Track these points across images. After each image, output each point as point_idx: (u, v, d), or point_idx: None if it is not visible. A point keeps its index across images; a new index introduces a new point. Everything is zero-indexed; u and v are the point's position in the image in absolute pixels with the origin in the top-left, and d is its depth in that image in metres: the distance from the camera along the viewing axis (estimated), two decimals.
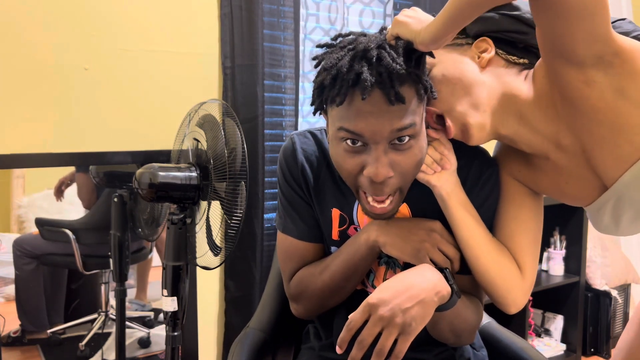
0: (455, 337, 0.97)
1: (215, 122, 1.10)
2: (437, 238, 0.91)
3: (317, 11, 2.07)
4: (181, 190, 1.07)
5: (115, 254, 1.45)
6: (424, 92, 0.83)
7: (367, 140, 0.81)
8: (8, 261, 1.53)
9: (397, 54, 0.80)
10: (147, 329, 1.76)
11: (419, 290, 0.81)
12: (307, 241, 1.03)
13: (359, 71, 0.78)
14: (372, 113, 0.79)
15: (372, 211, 0.88)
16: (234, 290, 1.88)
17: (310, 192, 1.01)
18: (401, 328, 0.78)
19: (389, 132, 0.80)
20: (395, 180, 0.84)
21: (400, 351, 0.78)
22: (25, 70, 1.53)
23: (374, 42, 0.81)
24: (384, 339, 0.78)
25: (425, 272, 0.85)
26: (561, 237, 2.53)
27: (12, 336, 1.55)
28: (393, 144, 0.82)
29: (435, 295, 0.82)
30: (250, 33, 1.80)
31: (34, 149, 1.54)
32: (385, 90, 0.77)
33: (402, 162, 0.83)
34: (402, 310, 0.78)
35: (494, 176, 0.97)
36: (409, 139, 0.81)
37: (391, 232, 0.91)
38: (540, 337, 2.58)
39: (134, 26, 1.68)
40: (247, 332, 1.23)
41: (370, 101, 0.78)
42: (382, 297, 0.79)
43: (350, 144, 0.82)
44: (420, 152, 0.85)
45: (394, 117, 0.79)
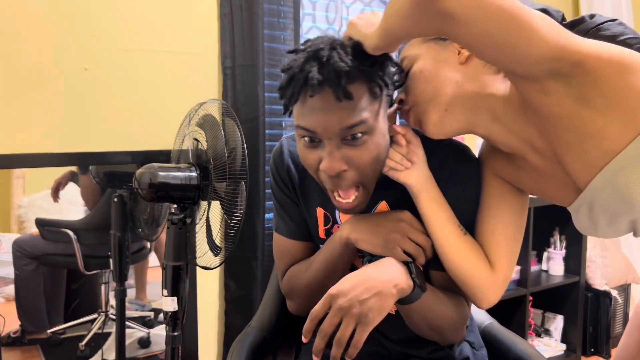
0: (436, 333, 0.97)
1: (215, 122, 1.09)
2: (405, 228, 0.92)
3: (313, 11, 2.07)
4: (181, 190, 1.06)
5: (115, 254, 1.45)
6: (379, 90, 0.85)
7: (319, 136, 0.85)
8: (8, 261, 1.53)
9: (348, 53, 0.83)
10: (147, 329, 1.76)
11: (376, 282, 0.83)
12: (297, 240, 1.08)
13: (308, 70, 0.82)
14: (323, 110, 0.83)
15: (339, 206, 0.92)
16: (235, 290, 1.88)
17: (297, 192, 1.05)
18: (358, 318, 0.81)
19: (338, 129, 0.83)
20: (353, 174, 0.87)
21: (358, 341, 0.80)
22: (25, 70, 1.53)
23: (326, 43, 0.85)
24: (342, 328, 0.81)
25: (386, 265, 0.88)
26: (561, 237, 2.53)
27: (12, 336, 1.55)
28: (346, 140, 0.85)
29: (394, 288, 0.84)
30: (251, 33, 1.80)
31: (34, 149, 1.54)
32: (334, 87, 0.81)
33: (356, 158, 0.86)
34: (359, 301, 0.81)
35: (471, 171, 0.97)
36: (362, 135, 0.84)
37: (362, 227, 0.93)
38: (540, 337, 2.58)
39: (134, 26, 1.68)
40: (248, 331, 1.23)
41: (320, 99, 0.82)
42: (341, 288, 0.83)
43: (307, 140, 0.87)
44: (376, 148, 0.87)
45: (343, 114, 0.82)
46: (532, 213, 2.27)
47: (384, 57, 0.86)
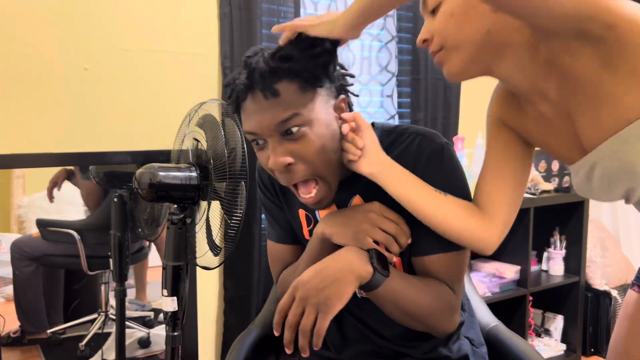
0: (418, 322, 0.97)
1: (215, 122, 1.09)
2: (374, 218, 0.93)
3: (314, 11, 2.07)
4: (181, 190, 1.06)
5: (115, 254, 1.45)
6: (310, 84, 0.89)
7: (260, 136, 0.90)
8: (8, 261, 1.53)
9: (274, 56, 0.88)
10: (147, 329, 1.76)
11: (333, 270, 0.86)
12: (285, 244, 1.12)
13: (237, 78, 0.90)
14: (256, 111, 0.89)
15: (304, 202, 0.95)
16: (232, 290, 1.88)
17: (279, 196, 1.10)
18: (317, 307, 0.83)
19: (273, 125, 0.88)
20: (301, 167, 0.91)
21: (319, 329, 0.82)
22: (25, 70, 1.53)
23: (254, 51, 0.92)
24: (305, 318, 0.83)
25: (344, 253, 0.89)
26: (561, 237, 2.53)
27: (12, 336, 1.55)
28: (286, 135, 0.89)
29: (351, 274, 0.86)
30: (249, 33, 1.80)
31: (34, 149, 1.54)
32: (260, 88, 0.87)
33: (300, 150, 0.89)
34: (317, 290, 0.84)
35: (439, 153, 0.97)
36: (300, 128, 0.88)
37: (335, 222, 0.95)
38: (540, 337, 2.58)
39: (134, 26, 1.68)
40: (250, 330, 1.24)
41: (252, 102, 0.89)
42: (301, 279, 0.86)
43: (255, 144, 0.93)
44: (319, 138, 0.90)
45: (275, 110, 0.87)
46: (532, 213, 2.27)
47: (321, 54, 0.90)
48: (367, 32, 2.21)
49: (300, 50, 0.89)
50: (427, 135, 0.99)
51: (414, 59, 2.24)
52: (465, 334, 1.09)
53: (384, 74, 2.25)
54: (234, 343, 1.20)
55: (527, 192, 2.36)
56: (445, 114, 2.34)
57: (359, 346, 1.08)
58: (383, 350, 1.06)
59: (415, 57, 2.24)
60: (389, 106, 2.25)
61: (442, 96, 2.32)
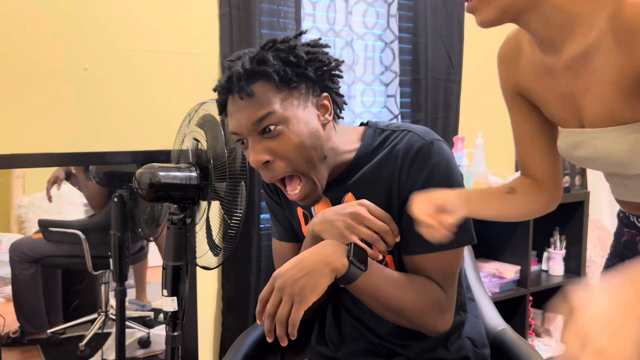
0: (403, 318, 0.97)
1: (215, 122, 1.09)
2: (360, 215, 0.94)
3: (313, 11, 2.07)
4: (181, 190, 1.07)
5: (115, 254, 1.45)
6: (285, 84, 0.93)
7: (241, 135, 0.95)
8: (8, 261, 1.53)
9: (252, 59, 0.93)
10: (147, 329, 1.76)
11: (309, 262, 0.88)
12: (286, 241, 1.15)
13: (218, 82, 0.97)
14: (235, 112, 0.94)
15: (291, 199, 0.99)
16: (230, 290, 1.87)
17: (279, 195, 1.13)
18: (292, 297, 0.86)
19: (250, 124, 0.92)
20: (280, 164, 0.94)
21: (293, 319, 0.85)
22: (25, 71, 1.53)
23: (237, 55, 0.98)
24: (280, 308, 0.87)
25: (322, 246, 0.92)
26: (561, 237, 2.53)
27: (11, 336, 1.54)
28: (264, 133, 0.93)
29: (326, 267, 0.88)
30: (249, 33, 1.80)
31: (34, 149, 1.54)
32: (237, 90, 0.92)
33: (278, 148, 0.93)
34: (293, 280, 0.87)
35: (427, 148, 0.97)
36: (277, 126, 0.92)
37: (324, 219, 0.97)
38: (540, 337, 2.58)
39: (134, 26, 1.68)
40: (255, 327, 1.24)
41: (231, 103, 0.95)
42: (280, 270, 0.89)
43: (240, 143, 0.98)
44: (296, 136, 0.93)
45: (250, 110, 0.92)
46: None
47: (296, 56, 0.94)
48: (371, 32, 2.21)
49: (275, 53, 0.94)
50: (417, 132, 1.00)
51: (415, 59, 2.24)
52: (467, 334, 1.08)
53: (387, 74, 2.25)
54: (236, 340, 1.20)
55: None
56: (445, 114, 2.34)
57: (355, 344, 1.08)
58: (378, 348, 1.06)
59: (416, 57, 2.24)
60: (392, 106, 2.25)
61: (442, 96, 2.32)
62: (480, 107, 2.52)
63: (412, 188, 0.96)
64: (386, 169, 0.99)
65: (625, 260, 1.08)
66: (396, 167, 0.98)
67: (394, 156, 0.99)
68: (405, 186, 0.97)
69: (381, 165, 1.00)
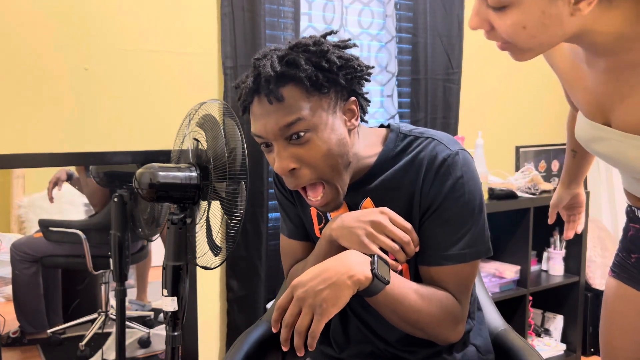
0: (419, 330, 0.96)
1: (215, 122, 1.10)
2: (382, 224, 0.92)
3: (309, 10, 2.07)
4: (181, 190, 1.07)
5: (115, 254, 1.45)
6: (315, 89, 0.89)
7: (267, 139, 0.92)
8: (8, 261, 1.53)
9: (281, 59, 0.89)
10: (147, 329, 1.76)
11: (332, 273, 0.85)
12: (296, 239, 1.12)
13: (244, 82, 0.93)
14: (262, 115, 0.90)
15: (311, 205, 0.97)
16: (238, 289, 1.87)
17: (292, 193, 1.10)
18: (313, 309, 0.83)
19: (278, 129, 0.89)
20: (306, 172, 0.91)
21: (314, 331, 0.82)
22: (25, 70, 1.53)
23: (262, 53, 0.93)
24: (301, 318, 0.83)
25: (346, 257, 0.88)
26: (561, 237, 2.52)
27: (11, 336, 1.55)
28: (292, 140, 0.90)
29: (349, 279, 0.84)
30: (253, 33, 1.80)
31: (34, 149, 1.54)
32: (265, 92, 0.88)
33: (305, 155, 0.90)
34: (314, 292, 0.83)
35: (453, 159, 0.95)
36: (305, 133, 0.89)
37: (342, 225, 0.94)
38: (540, 337, 2.58)
39: (134, 26, 1.68)
40: (258, 325, 1.24)
41: (258, 105, 0.91)
42: (301, 279, 0.86)
43: (263, 146, 0.95)
44: (324, 143, 0.90)
45: (279, 115, 0.88)
46: (532, 213, 2.27)
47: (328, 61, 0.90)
48: (367, 32, 2.21)
49: (307, 56, 0.90)
50: (443, 141, 0.98)
51: (414, 59, 2.24)
52: (472, 340, 1.08)
53: (383, 74, 2.25)
54: (239, 337, 1.20)
55: (527, 192, 2.36)
56: (445, 114, 2.34)
57: (361, 346, 1.08)
58: (383, 352, 1.06)
59: (415, 57, 2.24)
60: (389, 106, 2.25)
61: (442, 96, 2.32)
62: (480, 107, 2.52)
63: (435, 198, 0.95)
64: (409, 176, 0.97)
65: (632, 255, 1.08)
66: (420, 176, 0.96)
67: (417, 164, 0.96)
68: (428, 196, 0.96)
69: (403, 172, 0.98)
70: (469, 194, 0.95)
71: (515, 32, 0.75)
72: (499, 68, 2.58)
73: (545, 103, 2.77)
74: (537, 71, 2.75)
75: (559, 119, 2.90)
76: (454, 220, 0.95)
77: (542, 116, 2.77)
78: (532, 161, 2.75)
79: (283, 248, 1.16)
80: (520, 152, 2.70)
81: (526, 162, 2.71)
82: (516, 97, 2.66)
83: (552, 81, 1.17)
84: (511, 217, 2.30)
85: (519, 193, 2.31)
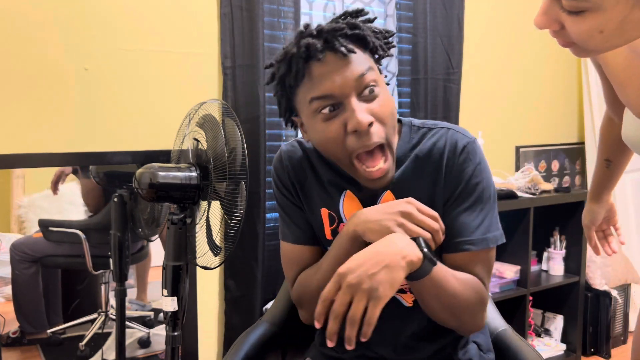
0: (453, 316, 0.95)
1: (215, 122, 1.10)
2: (411, 214, 0.90)
3: (309, 10, 2.07)
4: (181, 190, 1.07)
5: (115, 254, 1.45)
6: (371, 52, 0.93)
7: (338, 97, 0.89)
8: (8, 261, 1.53)
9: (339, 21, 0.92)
10: (147, 329, 1.76)
11: (384, 255, 0.82)
12: (303, 244, 1.06)
13: (306, 43, 0.89)
14: (332, 71, 0.89)
15: (370, 177, 0.93)
16: (235, 290, 1.88)
17: (299, 196, 1.06)
18: (369, 293, 0.79)
19: (353, 81, 0.88)
20: (379, 128, 0.90)
21: (371, 317, 0.78)
22: (25, 71, 1.53)
23: (304, 26, 0.93)
24: (354, 306, 0.79)
25: (393, 239, 0.86)
26: (561, 237, 2.53)
27: (11, 336, 1.55)
28: (363, 96, 0.89)
29: (403, 260, 0.82)
30: (251, 33, 1.80)
31: (34, 149, 1.54)
32: (335, 47, 0.88)
33: (377, 110, 0.90)
34: (368, 275, 0.80)
35: (472, 146, 0.98)
36: (375, 87, 0.90)
37: (368, 219, 0.92)
38: (540, 337, 2.58)
39: (134, 26, 1.68)
40: (257, 325, 1.24)
41: (325, 63, 0.89)
42: (349, 265, 0.82)
43: (327, 111, 0.90)
44: (389, 100, 0.92)
45: (352, 66, 0.89)
46: (532, 213, 2.27)
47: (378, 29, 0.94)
48: None
49: (362, 22, 0.93)
50: (459, 130, 1.00)
51: (414, 59, 2.24)
52: (473, 338, 1.08)
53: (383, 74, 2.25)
54: (239, 337, 1.20)
55: (527, 192, 2.36)
56: (445, 114, 2.34)
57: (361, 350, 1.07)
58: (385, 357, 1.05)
59: (415, 57, 2.24)
60: None
61: (441, 96, 2.32)
62: (480, 107, 2.52)
63: (457, 185, 0.97)
64: (429, 165, 0.98)
65: None
66: (442, 164, 0.97)
67: (437, 153, 0.97)
68: (452, 183, 0.97)
69: (423, 163, 0.99)
70: (487, 180, 0.98)
71: (590, 36, 0.72)
72: (499, 68, 2.58)
73: (545, 103, 2.77)
74: (537, 71, 2.75)
75: (559, 119, 2.90)
76: (475, 206, 0.97)
77: (542, 116, 2.77)
78: (532, 161, 2.75)
79: (286, 256, 1.09)
80: (520, 152, 2.70)
81: (526, 162, 2.71)
82: (516, 97, 2.66)
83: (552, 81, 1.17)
84: (511, 217, 2.30)
85: (519, 193, 2.32)
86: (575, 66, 2.87)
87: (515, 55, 2.64)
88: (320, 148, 0.97)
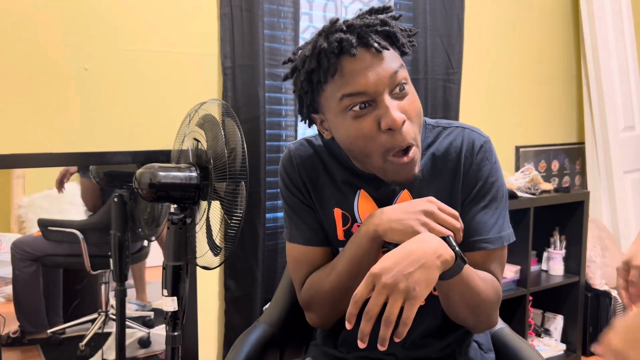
0: (473, 314, 0.96)
1: (215, 122, 1.10)
2: (434, 213, 0.89)
3: (309, 10, 2.07)
4: (181, 190, 1.07)
5: (115, 254, 1.45)
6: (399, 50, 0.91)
7: (371, 94, 0.86)
8: (8, 261, 1.53)
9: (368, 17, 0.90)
10: (147, 329, 1.76)
11: (420, 254, 0.80)
12: (314, 246, 1.03)
13: (338, 38, 0.86)
14: (365, 68, 0.86)
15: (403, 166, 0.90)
16: (235, 290, 1.88)
17: (311, 195, 1.03)
18: (406, 293, 0.77)
19: (387, 78, 0.86)
20: (410, 127, 0.89)
21: (408, 317, 0.77)
22: (25, 71, 1.53)
23: (331, 22, 0.89)
24: (390, 306, 0.77)
25: (426, 238, 0.84)
26: (561, 237, 2.53)
27: (11, 336, 1.55)
28: (395, 94, 0.88)
29: (438, 259, 0.81)
30: (251, 33, 1.80)
31: (34, 149, 1.54)
32: (369, 42, 0.86)
33: (408, 108, 0.88)
34: (404, 275, 0.78)
35: (488, 145, 1.00)
36: (406, 85, 0.88)
37: (389, 218, 0.90)
38: (540, 337, 2.58)
39: (134, 26, 1.68)
40: (255, 326, 1.23)
41: (358, 59, 0.86)
42: (384, 265, 0.80)
43: (357, 109, 0.87)
44: (417, 100, 0.91)
45: (385, 63, 0.87)
46: (532, 213, 2.27)
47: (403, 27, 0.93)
48: None
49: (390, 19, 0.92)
50: (474, 129, 1.02)
51: (414, 58, 2.24)
52: (475, 337, 1.08)
53: None
54: (238, 339, 1.20)
55: (527, 192, 2.36)
56: (445, 114, 2.34)
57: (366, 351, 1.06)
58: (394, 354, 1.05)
59: (415, 57, 2.24)
60: None
61: (442, 96, 2.32)
62: (480, 107, 2.52)
63: (476, 183, 0.98)
64: (447, 165, 0.98)
65: None
66: (460, 163, 0.97)
67: (454, 152, 0.98)
68: (470, 182, 0.98)
69: (440, 162, 0.98)
70: (501, 179, 1.01)
71: None
72: (499, 68, 2.58)
73: (545, 103, 2.77)
74: (537, 71, 2.75)
75: (559, 119, 2.90)
76: (491, 204, 0.98)
77: (542, 116, 2.77)
78: (532, 161, 2.75)
79: (295, 257, 1.05)
80: (520, 152, 2.70)
81: (526, 162, 2.71)
82: (516, 97, 2.66)
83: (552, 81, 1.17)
84: (511, 217, 2.29)
85: (519, 193, 2.31)
86: (575, 66, 2.88)
87: (515, 55, 2.64)
88: (347, 146, 0.93)
